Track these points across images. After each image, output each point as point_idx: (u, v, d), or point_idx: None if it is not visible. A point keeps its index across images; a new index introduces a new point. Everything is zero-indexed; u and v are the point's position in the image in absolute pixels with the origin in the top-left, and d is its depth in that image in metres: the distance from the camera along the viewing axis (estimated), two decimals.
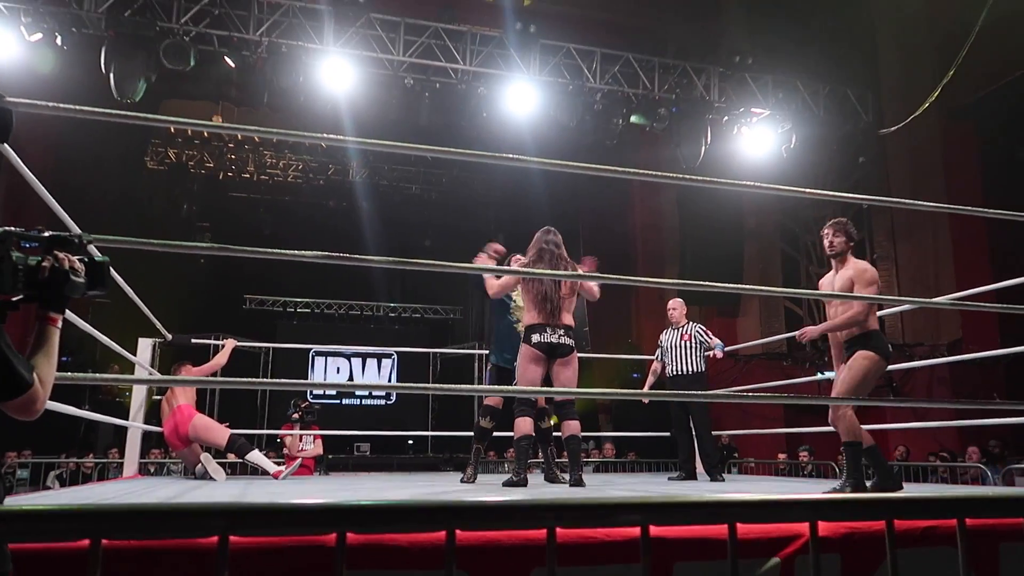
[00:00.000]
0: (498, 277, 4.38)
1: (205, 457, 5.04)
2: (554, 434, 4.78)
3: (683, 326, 5.55)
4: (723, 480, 5.14)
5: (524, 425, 4.08)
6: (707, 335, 5.45)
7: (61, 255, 1.70)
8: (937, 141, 10.22)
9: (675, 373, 5.43)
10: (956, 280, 9.23)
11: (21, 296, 1.67)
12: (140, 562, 1.61)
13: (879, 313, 3.74)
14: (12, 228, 1.73)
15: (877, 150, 10.43)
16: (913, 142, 10.17)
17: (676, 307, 5.68)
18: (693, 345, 5.42)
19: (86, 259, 1.77)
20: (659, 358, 5.64)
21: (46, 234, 1.75)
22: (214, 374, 5.62)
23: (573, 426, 4.14)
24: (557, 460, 4.87)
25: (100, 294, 1.83)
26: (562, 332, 4.18)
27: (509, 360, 4.72)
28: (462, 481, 4.45)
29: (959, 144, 10.15)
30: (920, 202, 3.15)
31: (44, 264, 1.67)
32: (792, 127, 9.93)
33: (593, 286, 4.35)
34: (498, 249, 4.85)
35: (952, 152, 10.10)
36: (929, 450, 8.91)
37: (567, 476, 4.25)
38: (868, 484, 3.57)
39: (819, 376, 7.55)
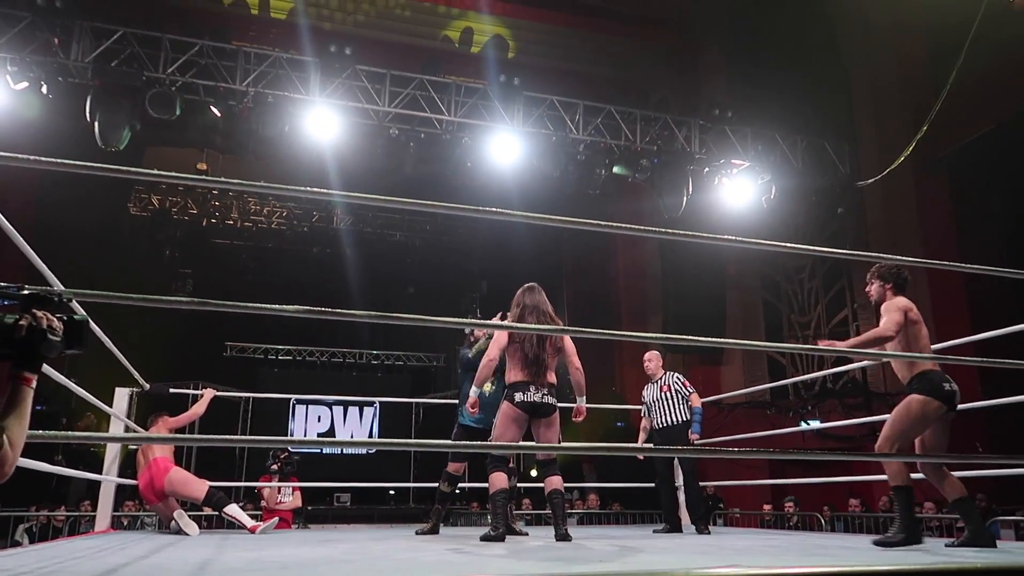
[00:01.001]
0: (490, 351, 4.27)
1: (178, 513, 4.92)
2: (527, 487, 4.76)
3: (661, 377, 5.53)
4: (709, 533, 5.07)
5: (498, 480, 4.03)
6: (685, 385, 5.43)
7: (39, 313, 1.67)
8: (912, 193, 10.44)
9: (661, 426, 5.39)
10: (936, 330, 9.31)
11: None
12: None
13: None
14: None
15: (855, 201, 10.63)
16: (889, 194, 10.39)
17: (652, 359, 5.64)
18: (673, 395, 5.39)
19: (64, 317, 1.75)
20: (645, 414, 5.61)
21: (24, 291, 1.73)
22: (192, 424, 5.52)
23: (556, 481, 4.07)
24: (541, 512, 4.84)
25: (78, 352, 1.80)
26: (546, 391, 4.10)
27: (478, 419, 4.67)
28: (417, 533, 4.70)
29: (933, 196, 10.38)
30: (895, 256, 3.19)
31: (21, 323, 1.64)
32: (772, 178, 10.10)
33: (577, 367, 4.29)
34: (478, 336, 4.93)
35: (926, 204, 10.32)
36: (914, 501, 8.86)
37: (528, 529, 4.30)
38: (961, 541, 3.34)
39: (803, 426, 7.54)
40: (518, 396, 4.06)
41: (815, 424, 9.81)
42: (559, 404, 4.21)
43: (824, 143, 10.45)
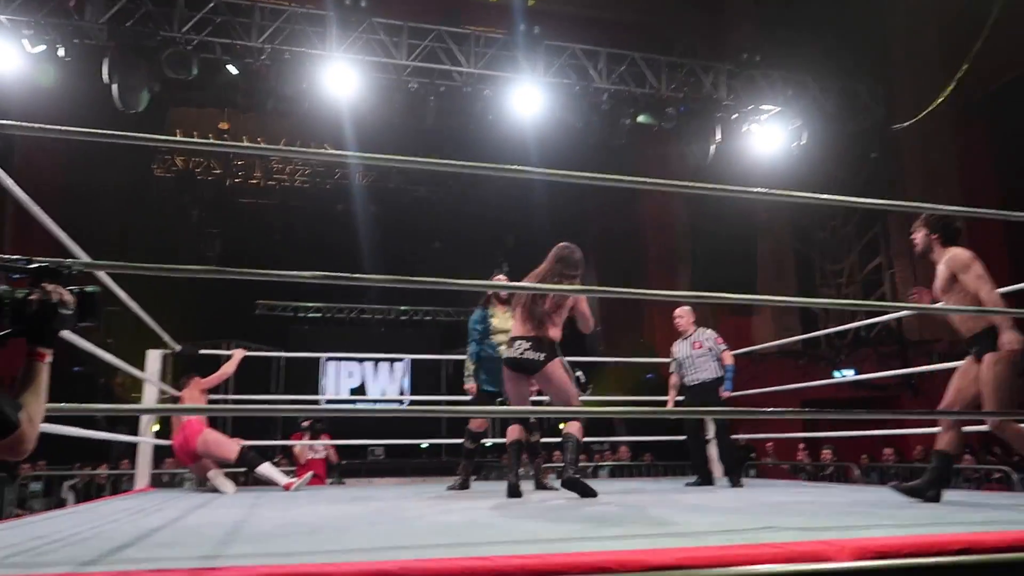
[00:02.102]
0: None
1: (212, 473, 4.99)
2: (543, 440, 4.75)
3: (692, 334, 5.43)
4: (742, 485, 5.04)
5: (512, 432, 4.15)
6: (717, 342, 5.33)
7: (50, 288, 1.64)
8: (949, 136, 10.08)
9: (692, 383, 5.32)
10: None
11: (8, 331, 1.62)
12: None
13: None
14: None
15: (890, 146, 10.30)
16: (926, 138, 10.04)
17: (683, 315, 5.52)
18: (705, 352, 5.30)
19: (76, 289, 1.72)
20: (675, 370, 5.52)
21: (33, 265, 1.69)
22: (226, 383, 5.58)
23: (572, 425, 4.01)
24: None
25: (91, 325, 1.78)
26: (528, 346, 3.92)
27: (485, 381, 4.76)
28: (448, 489, 4.74)
29: (972, 139, 10.01)
30: (931, 205, 3.05)
31: (32, 298, 1.61)
32: (803, 124, 9.81)
33: (588, 318, 4.16)
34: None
35: (964, 148, 9.97)
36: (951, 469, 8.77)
37: (557, 484, 4.28)
38: None
39: (837, 376, 7.44)
40: (505, 352, 4.07)
41: (848, 374, 9.69)
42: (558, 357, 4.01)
43: (857, 86, 10.10)
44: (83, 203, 9.40)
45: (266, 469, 5.13)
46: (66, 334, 1.78)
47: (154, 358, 5.54)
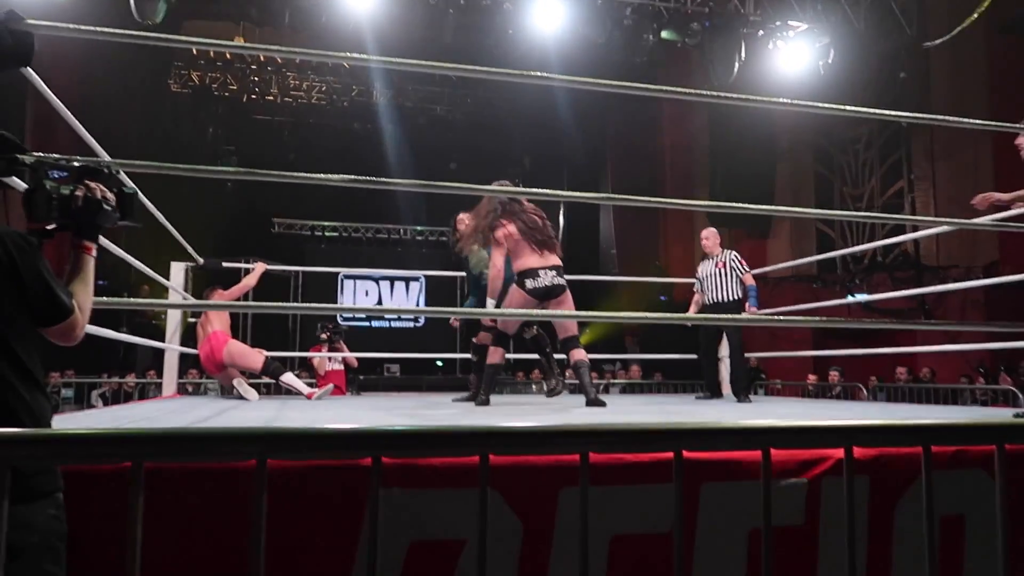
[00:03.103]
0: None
1: (237, 381, 5.16)
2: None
3: (717, 255, 5.52)
4: (750, 401, 5.16)
5: (496, 355, 4.20)
6: (741, 263, 5.42)
7: (93, 185, 1.70)
8: (982, 56, 9.78)
9: (712, 302, 5.43)
10: None
11: (55, 225, 1.69)
12: (180, 481, 1.67)
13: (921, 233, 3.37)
14: (43, 156, 1.73)
15: (919, 65, 10.01)
16: (957, 57, 9.74)
17: (709, 236, 5.65)
18: (728, 273, 5.39)
19: (115, 189, 1.78)
20: (698, 289, 5.65)
21: (76, 163, 1.75)
22: (245, 296, 5.70)
23: (578, 353, 4.13)
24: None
25: (131, 225, 1.85)
26: (554, 274, 4.09)
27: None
28: (453, 401, 4.82)
29: (1006, 58, 9.70)
30: (966, 120, 3.01)
31: (77, 193, 1.68)
32: (831, 41, 9.51)
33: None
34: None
35: (999, 67, 9.67)
36: (961, 372, 8.86)
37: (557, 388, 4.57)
38: None
39: (850, 299, 7.48)
40: (529, 283, 4.05)
41: (861, 297, 9.71)
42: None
43: (890, 2, 9.74)
44: (99, 119, 9.33)
45: (289, 378, 5.29)
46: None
47: (178, 270, 5.66)
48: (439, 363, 13.47)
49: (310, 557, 1.69)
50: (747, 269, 5.41)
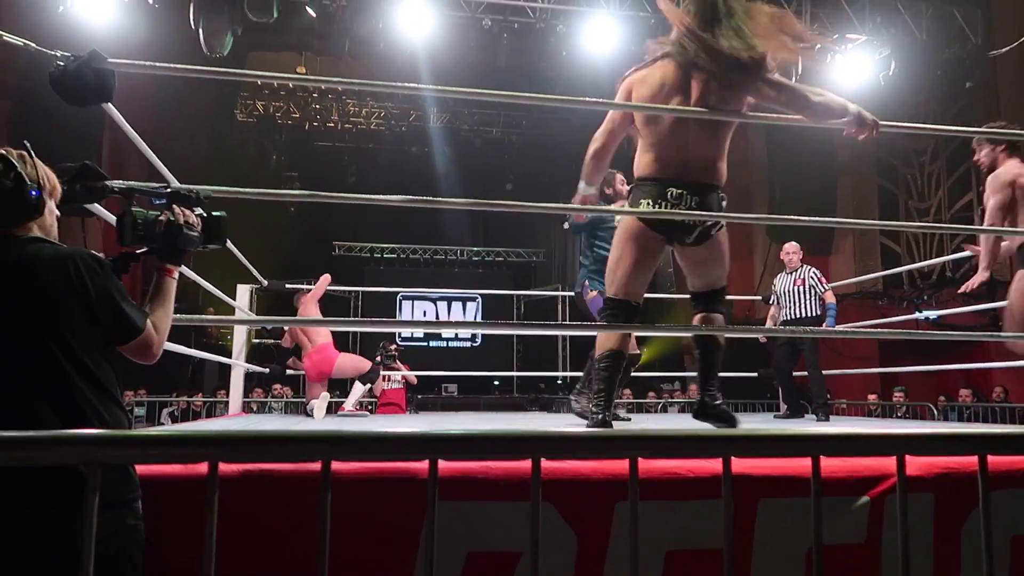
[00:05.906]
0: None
1: (323, 396, 5.20)
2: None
3: (797, 270, 5.48)
4: (828, 420, 5.08)
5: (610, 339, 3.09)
6: (820, 281, 5.39)
7: (178, 209, 1.81)
8: None
9: (789, 317, 5.38)
10: None
11: (144, 248, 1.81)
12: (252, 485, 1.74)
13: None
14: (136, 184, 1.86)
15: (986, 74, 9.70)
16: None
17: (792, 251, 5.63)
18: (806, 290, 5.34)
19: (204, 214, 1.89)
20: (774, 302, 5.61)
21: (168, 190, 1.87)
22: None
23: (717, 319, 3.09)
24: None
25: (217, 247, 1.95)
26: (696, 199, 2.80)
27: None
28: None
29: None
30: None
31: (160, 218, 1.79)
32: (891, 52, 9.32)
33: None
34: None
35: None
36: None
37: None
38: None
39: (917, 315, 7.25)
40: (645, 203, 2.62)
41: (930, 313, 9.40)
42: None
43: (953, 9, 9.50)
44: (170, 147, 9.78)
45: (360, 389, 5.51)
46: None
47: (243, 292, 5.86)
48: (496, 382, 13.52)
49: (371, 568, 1.75)
50: (827, 287, 5.42)
